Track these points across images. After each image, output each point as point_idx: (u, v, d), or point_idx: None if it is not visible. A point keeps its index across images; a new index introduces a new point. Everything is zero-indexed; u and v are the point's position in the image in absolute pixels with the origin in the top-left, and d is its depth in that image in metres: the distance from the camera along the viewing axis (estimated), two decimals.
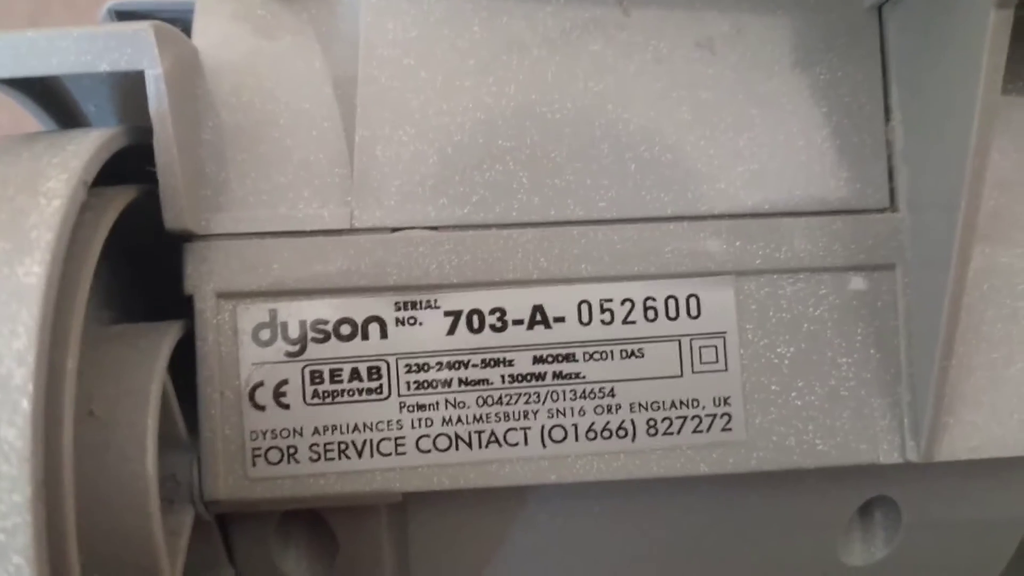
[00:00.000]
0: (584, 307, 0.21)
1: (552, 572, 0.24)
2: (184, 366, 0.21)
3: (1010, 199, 0.22)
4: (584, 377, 0.21)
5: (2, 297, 0.15)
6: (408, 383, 0.21)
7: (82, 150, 0.18)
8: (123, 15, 0.26)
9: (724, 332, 0.22)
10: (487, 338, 0.21)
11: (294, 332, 0.21)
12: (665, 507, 0.23)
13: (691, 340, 0.21)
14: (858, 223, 0.22)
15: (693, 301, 0.21)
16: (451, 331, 0.21)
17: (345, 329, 0.21)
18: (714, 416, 0.21)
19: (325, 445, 0.21)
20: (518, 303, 0.21)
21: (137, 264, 0.23)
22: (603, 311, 0.21)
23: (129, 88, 0.20)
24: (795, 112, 0.22)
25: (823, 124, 0.22)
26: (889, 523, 0.24)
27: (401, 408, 0.21)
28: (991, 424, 0.22)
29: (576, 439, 0.21)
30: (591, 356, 0.21)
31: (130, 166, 0.20)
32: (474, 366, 0.21)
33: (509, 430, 0.21)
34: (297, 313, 0.21)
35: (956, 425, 0.22)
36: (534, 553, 0.23)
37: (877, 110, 0.22)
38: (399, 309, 0.21)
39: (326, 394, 0.21)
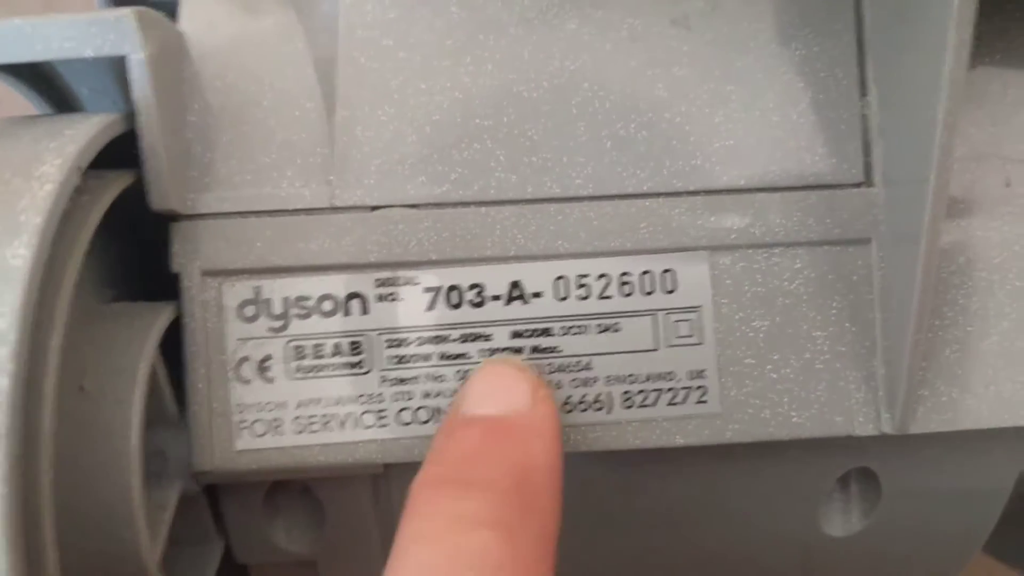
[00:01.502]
0: (561, 283, 0.22)
1: None
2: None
3: (985, 172, 0.22)
4: (561, 351, 0.22)
5: None
6: (389, 357, 0.21)
7: (80, 135, 0.19)
8: (119, 0, 0.27)
9: (699, 306, 0.22)
10: (466, 313, 0.22)
11: (277, 308, 0.21)
12: (646, 479, 0.24)
13: (666, 314, 0.22)
14: (833, 198, 0.22)
15: (668, 276, 0.22)
16: (431, 307, 0.22)
17: (327, 305, 0.21)
18: (689, 389, 0.22)
19: (309, 417, 0.21)
20: (496, 279, 0.22)
21: (147, 242, 0.23)
22: (580, 286, 0.22)
23: (120, 71, 0.21)
24: (771, 88, 0.22)
25: (799, 99, 0.22)
26: (869, 494, 0.24)
27: (382, 382, 0.21)
28: (966, 396, 0.22)
29: None
30: (568, 331, 0.22)
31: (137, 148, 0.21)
32: (453, 341, 0.22)
33: None
34: (280, 290, 0.21)
35: (931, 397, 0.22)
36: None
37: (853, 85, 0.22)
38: (380, 285, 0.22)
39: (309, 368, 0.21)
